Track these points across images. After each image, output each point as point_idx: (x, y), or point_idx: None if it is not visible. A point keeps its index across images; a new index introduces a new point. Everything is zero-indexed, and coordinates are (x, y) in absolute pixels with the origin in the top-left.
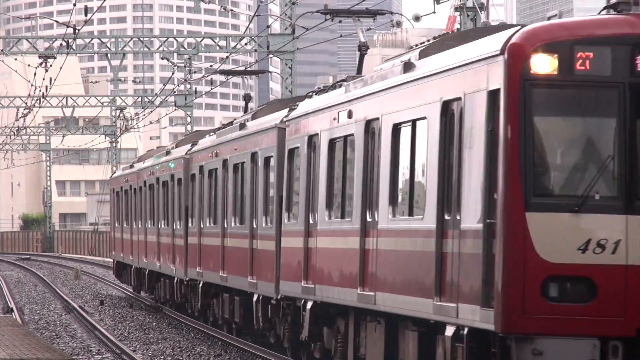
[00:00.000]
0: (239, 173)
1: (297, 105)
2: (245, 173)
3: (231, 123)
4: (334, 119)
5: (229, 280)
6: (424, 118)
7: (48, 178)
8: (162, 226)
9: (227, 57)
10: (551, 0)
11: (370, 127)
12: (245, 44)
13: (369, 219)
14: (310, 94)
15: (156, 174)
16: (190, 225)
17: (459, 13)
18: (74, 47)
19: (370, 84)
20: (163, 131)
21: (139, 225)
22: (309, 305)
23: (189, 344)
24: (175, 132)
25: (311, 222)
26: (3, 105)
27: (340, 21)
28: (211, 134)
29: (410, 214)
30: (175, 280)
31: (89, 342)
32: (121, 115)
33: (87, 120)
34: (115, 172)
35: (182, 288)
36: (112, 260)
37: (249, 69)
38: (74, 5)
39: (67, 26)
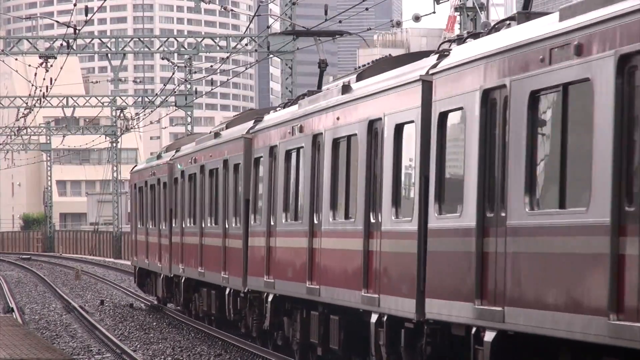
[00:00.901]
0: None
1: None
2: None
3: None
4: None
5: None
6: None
7: (48, 178)
8: (209, 225)
9: (228, 57)
10: (551, 0)
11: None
12: (246, 44)
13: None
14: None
15: (200, 160)
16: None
17: (459, 13)
18: (74, 47)
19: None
20: (163, 131)
21: (173, 225)
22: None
23: (189, 344)
24: (176, 132)
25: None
26: (3, 105)
27: (340, 21)
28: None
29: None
30: (227, 292)
31: (89, 342)
32: (121, 115)
33: (87, 120)
34: (136, 166)
35: (238, 302)
36: (132, 267)
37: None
38: (75, 5)
39: (68, 26)
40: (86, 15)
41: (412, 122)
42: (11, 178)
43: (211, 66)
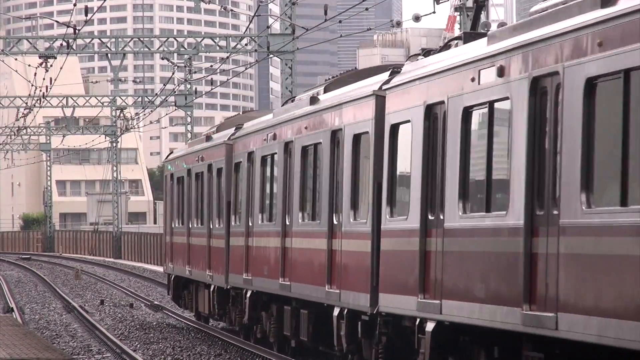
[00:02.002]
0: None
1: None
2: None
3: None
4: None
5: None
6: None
7: (48, 178)
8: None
9: (227, 57)
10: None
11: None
12: (246, 44)
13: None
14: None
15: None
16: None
17: (458, 13)
18: (74, 47)
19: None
20: (163, 131)
21: (232, 224)
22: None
23: (189, 344)
24: (176, 132)
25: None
26: (3, 105)
27: (340, 21)
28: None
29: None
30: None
31: (89, 342)
32: (121, 115)
33: (87, 120)
34: (172, 153)
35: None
36: (166, 275)
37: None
38: (74, 5)
39: (68, 26)
40: (86, 15)
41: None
42: (11, 178)
43: (211, 66)
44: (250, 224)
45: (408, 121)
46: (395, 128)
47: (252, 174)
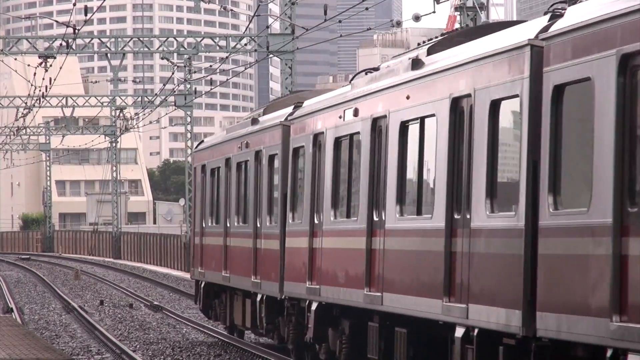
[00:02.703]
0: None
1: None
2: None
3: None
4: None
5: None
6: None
7: (48, 178)
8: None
9: (227, 57)
10: (551, 0)
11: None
12: (245, 44)
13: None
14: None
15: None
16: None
17: (459, 13)
18: (73, 47)
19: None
20: (163, 131)
21: (291, 221)
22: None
23: (189, 344)
24: (176, 132)
25: (316, 221)
26: (3, 105)
27: (340, 21)
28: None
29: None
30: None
31: (89, 342)
32: (121, 115)
33: (87, 120)
34: (202, 142)
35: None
36: (194, 281)
37: None
38: (74, 5)
39: (67, 26)
40: (85, 15)
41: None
42: (10, 178)
43: (211, 66)
44: (316, 221)
45: (588, 79)
46: (560, 90)
47: (319, 160)
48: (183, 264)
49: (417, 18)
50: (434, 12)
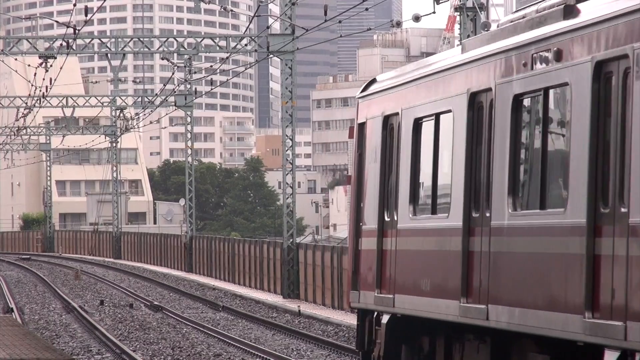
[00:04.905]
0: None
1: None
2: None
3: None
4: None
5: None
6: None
7: (48, 178)
8: None
9: (227, 57)
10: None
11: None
12: (246, 44)
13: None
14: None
15: None
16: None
17: (458, 13)
18: (74, 47)
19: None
20: (163, 131)
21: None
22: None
23: (189, 344)
24: (176, 132)
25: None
26: (3, 105)
27: (340, 21)
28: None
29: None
30: None
31: (89, 342)
32: (121, 115)
33: (87, 120)
34: (375, 81)
35: None
36: (355, 309)
37: None
38: (74, 5)
39: (67, 26)
40: (86, 15)
41: None
42: (11, 178)
43: (211, 66)
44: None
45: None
46: None
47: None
48: (183, 264)
49: (417, 18)
50: (434, 12)
